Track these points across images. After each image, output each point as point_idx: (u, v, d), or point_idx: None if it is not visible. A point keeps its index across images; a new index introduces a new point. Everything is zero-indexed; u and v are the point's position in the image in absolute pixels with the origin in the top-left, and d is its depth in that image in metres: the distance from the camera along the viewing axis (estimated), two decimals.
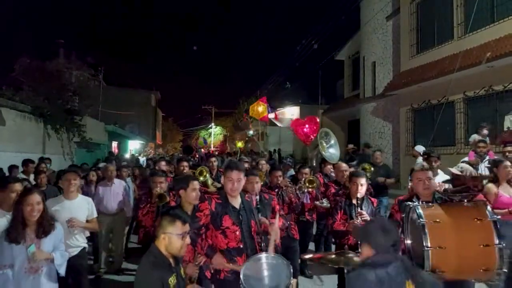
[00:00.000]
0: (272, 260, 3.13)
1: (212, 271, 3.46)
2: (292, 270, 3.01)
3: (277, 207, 4.08)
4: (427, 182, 3.59)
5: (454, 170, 5.29)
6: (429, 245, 2.79)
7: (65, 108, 14.16)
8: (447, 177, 6.20)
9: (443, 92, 11.65)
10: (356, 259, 3.12)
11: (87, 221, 4.65)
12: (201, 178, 6.21)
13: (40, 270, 3.40)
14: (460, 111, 11.67)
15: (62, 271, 3.62)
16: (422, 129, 13.19)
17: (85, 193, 6.12)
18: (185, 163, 6.94)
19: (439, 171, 6.25)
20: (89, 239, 5.08)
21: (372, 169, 6.48)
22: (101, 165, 10.50)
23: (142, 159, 21.15)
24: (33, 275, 3.37)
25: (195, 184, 4.05)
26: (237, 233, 3.39)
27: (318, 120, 10.20)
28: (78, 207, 4.56)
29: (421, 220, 2.89)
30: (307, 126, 7.80)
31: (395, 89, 14.01)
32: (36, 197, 3.44)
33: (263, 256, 3.17)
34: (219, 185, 6.20)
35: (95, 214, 4.77)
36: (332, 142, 7.37)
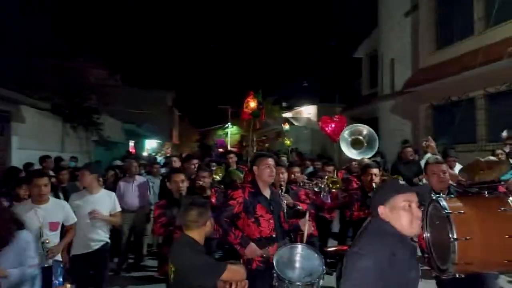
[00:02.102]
0: (304, 250, 3.27)
1: (244, 260, 3.50)
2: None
3: (303, 196, 4.13)
4: (442, 175, 3.56)
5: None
6: (455, 236, 2.69)
7: (84, 106, 14.36)
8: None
9: (463, 88, 11.44)
10: None
11: (110, 215, 4.69)
12: (217, 177, 6.32)
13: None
14: (481, 108, 11.41)
15: None
16: (442, 126, 12.93)
17: None
18: (195, 161, 6.97)
19: (457, 166, 6.14)
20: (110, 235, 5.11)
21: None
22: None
23: (160, 158, 21.29)
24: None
25: (176, 176, 4.31)
26: (271, 221, 3.51)
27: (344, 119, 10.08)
28: (101, 201, 4.62)
29: (446, 211, 2.80)
30: (333, 124, 7.75)
31: (414, 86, 13.78)
32: None
33: (295, 245, 3.34)
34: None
35: (118, 209, 4.83)
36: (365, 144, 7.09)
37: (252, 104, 8.32)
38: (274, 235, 3.50)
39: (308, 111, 25.18)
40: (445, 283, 3.27)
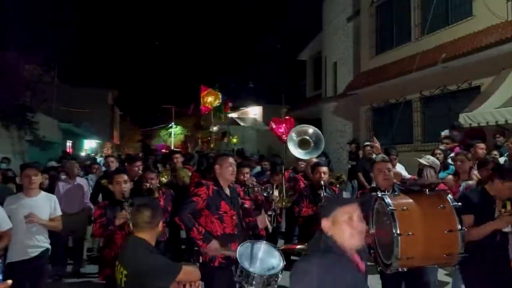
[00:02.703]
0: (264, 245, 3.45)
1: (206, 259, 3.54)
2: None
3: (241, 193, 4.15)
4: (387, 172, 3.69)
5: (422, 160, 5.52)
6: (398, 232, 2.82)
7: (16, 104, 13.48)
8: (404, 171, 6.46)
9: (401, 92, 12.05)
10: None
11: (50, 219, 4.39)
12: (163, 180, 6.17)
13: None
14: (417, 110, 12.10)
15: None
16: (382, 127, 13.54)
17: None
18: (139, 163, 6.78)
19: (397, 165, 6.47)
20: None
21: (344, 180, 6.40)
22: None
23: (100, 159, 20.49)
24: None
25: (119, 177, 4.09)
26: (234, 217, 3.63)
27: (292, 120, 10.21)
28: (39, 205, 4.29)
29: (390, 208, 2.93)
30: (284, 125, 7.82)
31: (355, 89, 14.34)
32: None
33: (256, 241, 3.52)
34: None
35: (58, 212, 4.50)
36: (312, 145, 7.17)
37: (210, 98, 8.22)
38: (236, 232, 3.61)
39: (254, 112, 25.37)
40: (388, 277, 3.40)
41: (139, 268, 2.54)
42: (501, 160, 5.98)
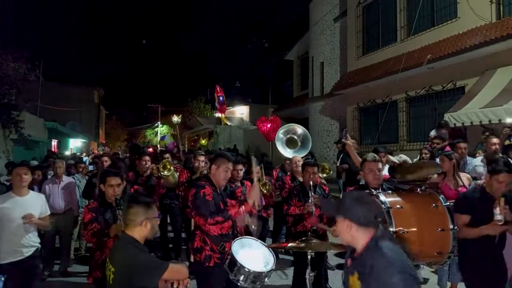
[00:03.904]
0: (256, 243, 3.55)
1: (201, 258, 3.49)
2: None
3: (239, 193, 4.16)
4: (377, 173, 3.68)
5: (394, 159, 5.64)
6: (394, 229, 2.89)
7: (1, 102, 13.24)
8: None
9: (387, 92, 12.21)
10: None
11: (39, 218, 4.38)
12: (166, 172, 6.20)
13: None
14: (403, 110, 12.29)
15: None
16: (368, 127, 13.74)
17: None
18: (147, 158, 6.84)
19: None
20: None
21: (330, 172, 6.67)
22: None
23: (86, 158, 20.27)
24: None
25: (112, 180, 3.86)
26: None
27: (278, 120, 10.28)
28: (31, 204, 4.25)
29: (386, 206, 3.00)
30: (269, 125, 7.89)
31: (342, 88, 14.47)
32: None
33: (248, 238, 3.59)
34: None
35: (48, 211, 4.50)
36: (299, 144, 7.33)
37: (221, 98, 8.36)
38: (230, 232, 3.58)
39: (241, 111, 25.38)
40: None
41: (125, 265, 2.53)
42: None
